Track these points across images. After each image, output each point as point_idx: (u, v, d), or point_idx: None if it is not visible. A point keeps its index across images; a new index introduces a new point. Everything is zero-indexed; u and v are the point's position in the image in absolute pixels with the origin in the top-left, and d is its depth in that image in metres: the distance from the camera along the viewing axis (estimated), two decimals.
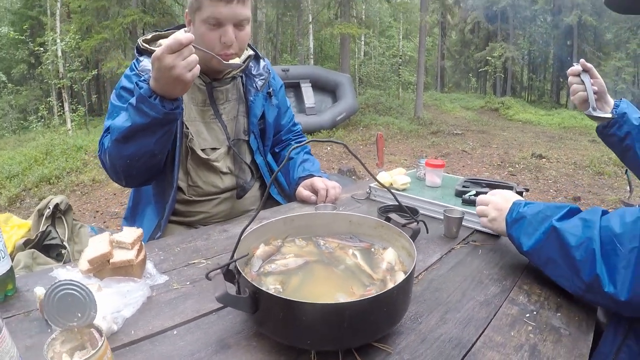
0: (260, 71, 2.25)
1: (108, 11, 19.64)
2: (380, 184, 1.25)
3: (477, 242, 1.73)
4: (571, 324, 1.21)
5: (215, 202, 2.14)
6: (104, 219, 6.94)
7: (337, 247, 1.30)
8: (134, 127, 1.64)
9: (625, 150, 1.92)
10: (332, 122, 14.65)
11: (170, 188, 1.99)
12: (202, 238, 1.72)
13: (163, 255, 1.53)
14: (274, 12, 25.99)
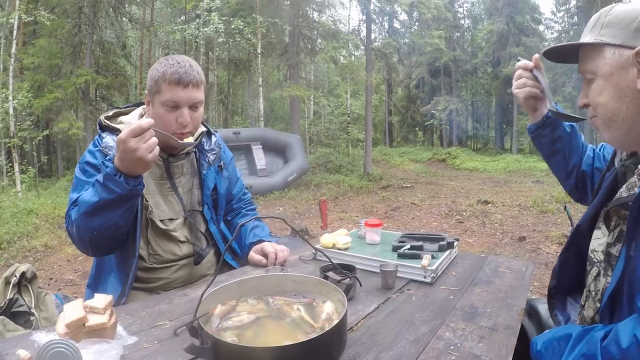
0: (212, 146, 2.46)
1: (61, 70, 19.57)
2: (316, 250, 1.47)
3: (412, 290, 1.94)
4: (492, 351, 1.39)
5: (174, 268, 2.29)
6: (59, 286, 6.83)
7: (284, 304, 1.49)
8: (100, 202, 1.82)
9: (554, 153, 2.01)
10: (284, 183, 14.87)
11: (133, 257, 2.13)
12: (165, 302, 1.85)
13: (130, 319, 1.65)
14: (225, 74, 26.24)
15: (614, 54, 1.36)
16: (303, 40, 20.58)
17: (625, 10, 1.38)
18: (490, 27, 34.55)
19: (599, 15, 1.43)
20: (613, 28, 1.37)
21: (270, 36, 19.86)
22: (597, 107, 1.43)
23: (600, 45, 1.38)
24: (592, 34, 1.42)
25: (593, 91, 1.43)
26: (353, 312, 1.68)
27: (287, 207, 12.52)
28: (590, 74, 1.43)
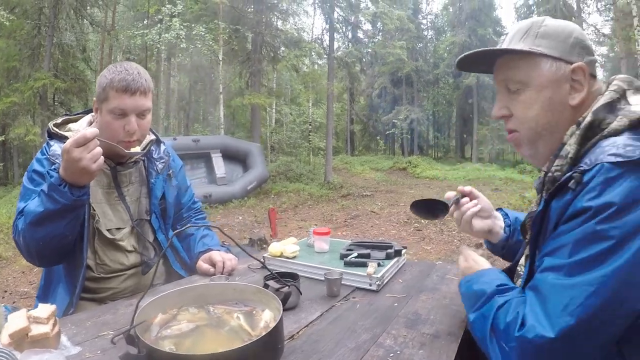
0: (160, 154, 2.44)
1: (19, 73, 19.09)
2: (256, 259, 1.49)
3: (357, 298, 1.96)
4: (432, 358, 1.41)
5: (122, 278, 2.27)
6: (13, 298, 6.70)
7: (224, 312, 1.49)
8: (45, 213, 1.82)
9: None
10: (243, 192, 14.82)
11: (80, 267, 2.11)
12: (111, 312, 1.84)
13: (75, 329, 1.64)
14: (187, 80, 26.05)
15: (552, 66, 1.35)
16: (266, 47, 20.55)
17: (559, 24, 1.40)
18: (453, 39, 35.15)
19: (531, 25, 1.42)
20: (551, 40, 1.37)
21: (232, 43, 19.78)
22: (525, 121, 1.42)
23: (536, 55, 1.36)
24: (524, 42, 1.40)
25: (521, 103, 1.41)
26: (296, 321, 1.69)
27: (247, 216, 12.48)
28: (517, 84, 1.41)
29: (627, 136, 1.19)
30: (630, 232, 1.04)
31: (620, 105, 1.29)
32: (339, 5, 22.35)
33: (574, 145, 1.28)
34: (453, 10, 38.31)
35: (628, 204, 1.05)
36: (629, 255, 1.03)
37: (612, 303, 1.04)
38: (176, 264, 2.53)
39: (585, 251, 1.08)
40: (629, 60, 22.89)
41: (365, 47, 25.57)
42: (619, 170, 1.09)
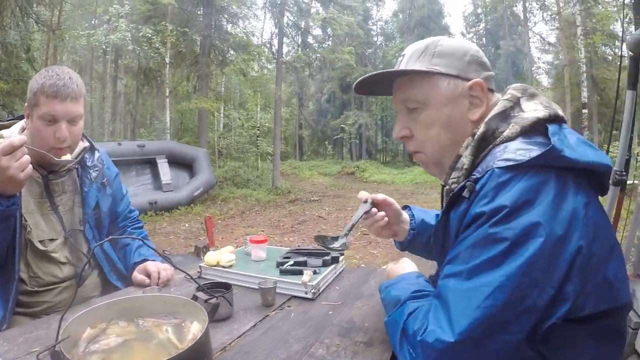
0: (94, 162, 2.39)
1: None
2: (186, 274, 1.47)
3: (292, 307, 1.96)
4: None
5: (56, 291, 2.21)
6: None
7: (153, 325, 1.47)
8: None
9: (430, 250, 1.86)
10: (190, 198, 14.59)
11: (13, 280, 2.04)
12: (43, 327, 1.78)
13: (7, 345, 1.59)
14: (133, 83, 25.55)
15: (450, 84, 1.38)
16: (214, 51, 20.37)
17: (455, 43, 1.44)
18: (402, 45, 35.45)
19: (427, 45, 1.44)
20: (447, 58, 1.40)
21: (179, 46, 19.54)
22: (427, 140, 1.44)
23: (433, 74, 1.39)
24: (421, 62, 1.42)
25: (421, 123, 1.43)
26: (229, 332, 1.68)
27: (193, 223, 12.30)
28: (417, 104, 1.43)
29: (519, 141, 1.24)
30: (524, 233, 1.07)
31: (514, 113, 1.34)
32: (289, 10, 22.37)
33: (469, 157, 1.32)
34: (403, 17, 38.82)
35: (519, 205, 1.08)
36: (526, 256, 1.06)
37: (510, 303, 1.06)
38: (112, 275, 2.47)
39: (482, 254, 1.11)
40: (572, 67, 23.61)
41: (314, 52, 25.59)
42: (510, 174, 1.13)
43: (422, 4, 35.13)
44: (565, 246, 1.08)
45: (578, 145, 1.20)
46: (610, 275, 1.14)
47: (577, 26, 20.64)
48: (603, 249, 1.14)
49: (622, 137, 3.26)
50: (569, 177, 1.15)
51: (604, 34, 23.12)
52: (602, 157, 1.20)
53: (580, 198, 1.13)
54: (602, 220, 1.18)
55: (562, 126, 1.29)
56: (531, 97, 1.38)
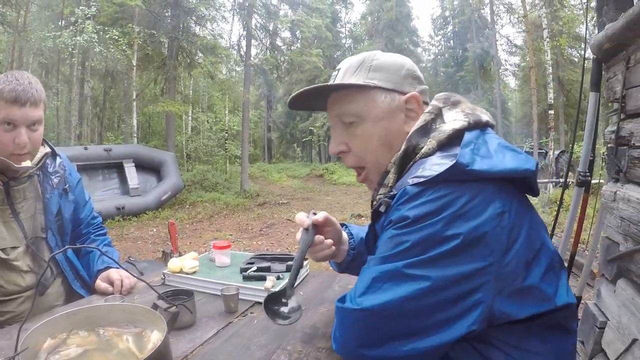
0: (56, 168, 2.37)
1: None
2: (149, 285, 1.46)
3: (255, 313, 1.96)
4: None
5: (19, 300, 2.18)
6: None
7: (114, 335, 1.46)
8: None
9: None
10: (158, 202, 14.45)
11: None
12: (5, 338, 1.76)
13: None
14: (101, 86, 25.17)
15: (386, 98, 1.41)
16: (182, 53, 20.22)
17: (391, 58, 1.46)
18: (370, 48, 35.62)
19: (363, 59, 1.45)
20: (383, 72, 1.42)
21: (147, 48, 19.35)
22: (365, 154, 1.46)
23: (370, 88, 1.40)
24: (357, 77, 1.43)
25: (358, 137, 1.44)
26: (191, 340, 1.67)
27: (161, 228, 12.16)
28: (353, 117, 1.43)
29: (437, 156, 1.26)
30: (422, 240, 1.11)
31: (435, 126, 1.36)
32: (257, 12, 22.31)
33: (393, 174, 1.36)
34: (371, 20, 38.99)
35: (421, 217, 1.12)
36: (415, 257, 1.11)
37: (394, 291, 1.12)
38: (76, 283, 2.43)
39: (387, 250, 1.17)
40: (539, 69, 23.98)
41: (282, 55, 25.56)
42: (419, 189, 1.16)
43: (390, 6, 35.33)
44: (465, 256, 1.11)
45: (497, 152, 1.23)
46: (534, 280, 1.17)
47: (543, 29, 21.04)
48: (522, 256, 1.16)
49: (585, 139, 3.28)
50: (489, 186, 1.17)
51: (569, 36, 23.63)
52: (521, 163, 1.22)
53: (494, 207, 1.15)
54: (524, 226, 1.20)
55: (484, 132, 1.32)
56: (454, 106, 1.42)
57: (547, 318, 1.19)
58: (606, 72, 2.74)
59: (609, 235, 2.53)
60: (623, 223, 2.29)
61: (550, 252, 1.24)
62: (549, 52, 21.71)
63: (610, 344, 2.47)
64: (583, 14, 21.20)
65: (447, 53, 42.41)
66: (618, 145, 2.44)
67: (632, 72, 2.28)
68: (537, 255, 1.20)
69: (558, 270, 1.26)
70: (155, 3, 19.06)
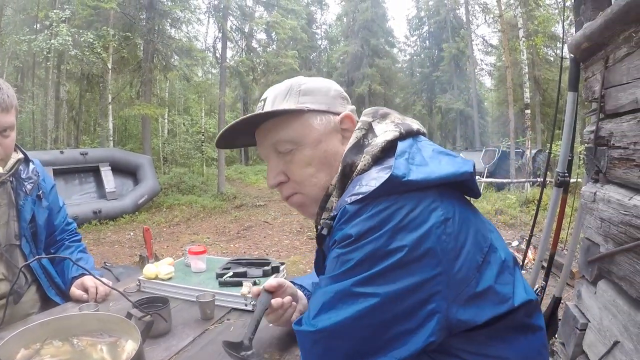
0: (29, 174, 2.34)
1: None
2: (121, 293, 1.45)
3: (232, 319, 1.96)
4: None
5: None
6: None
7: (88, 344, 1.45)
8: None
9: None
10: (135, 206, 14.34)
11: None
12: None
13: None
14: (76, 90, 24.85)
15: (322, 120, 1.38)
16: (157, 56, 20.07)
17: (317, 81, 1.45)
18: (346, 49, 35.83)
19: (290, 86, 1.42)
20: (314, 95, 1.40)
21: (122, 51, 19.17)
22: (304, 179, 1.40)
23: (304, 111, 1.37)
24: (288, 102, 1.39)
25: (296, 164, 1.39)
26: (167, 348, 1.67)
27: (138, 232, 12.05)
28: (289, 145, 1.38)
29: (374, 170, 1.23)
30: (366, 257, 1.09)
31: (368, 141, 1.34)
32: (233, 14, 22.22)
33: (335, 197, 1.32)
34: (347, 21, 39.06)
35: (363, 233, 1.10)
36: (361, 274, 1.08)
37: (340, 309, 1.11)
38: (51, 291, 2.41)
39: (334, 269, 1.15)
40: (514, 68, 24.19)
41: (258, 57, 25.47)
42: (357, 207, 1.13)
43: (366, 7, 35.41)
44: (412, 268, 1.09)
45: (432, 159, 1.23)
46: (488, 282, 1.15)
47: (519, 28, 21.16)
48: (472, 261, 1.14)
49: (564, 139, 3.29)
50: (429, 193, 1.15)
51: (545, 35, 23.88)
52: (458, 167, 1.21)
53: (437, 215, 1.13)
54: (470, 230, 1.18)
55: (417, 140, 1.31)
56: (383, 118, 1.40)
57: (508, 319, 1.16)
58: (584, 72, 2.73)
59: (589, 236, 2.54)
60: (603, 224, 2.29)
61: (500, 252, 1.23)
62: (525, 51, 21.84)
63: (592, 346, 2.48)
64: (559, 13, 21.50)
65: (423, 53, 42.71)
66: (597, 145, 2.43)
67: (611, 71, 2.28)
68: (487, 256, 1.18)
69: (512, 269, 1.24)
70: (130, 6, 18.90)
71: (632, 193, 2.06)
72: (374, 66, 34.17)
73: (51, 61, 19.39)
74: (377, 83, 33.49)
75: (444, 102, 36.13)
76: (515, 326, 1.19)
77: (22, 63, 21.83)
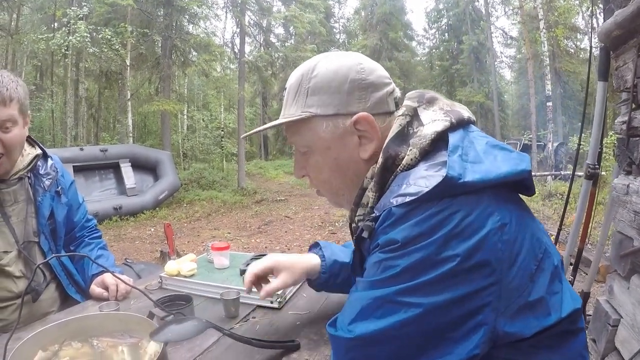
0: (47, 170, 2.29)
1: None
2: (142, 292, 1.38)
3: (257, 317, 1.88)
4: None
5: (12, 308, 2.11)
6: None
7: (108, 346, 1.39)
8: None
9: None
10: (155, 202, 14.38)
11: None
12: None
13: None
14: (95, 87, 25.05)
15: (328, 127, 1.24)
16: (176, 52, 20.13)
17: (331, 70, 1.25)
18: (364, 42, 35.65)
19: (300, 80, 1.28)
20: (322, 94, 1.24)
21: (140, 47, 19.25)
22: (319, 184, 1.36)
23: (310, 117, 1.25)
24: (296, 105, 1.28)
25: (312, 167, 1.33)
26: (190, 349, 1.59)
27: (159, 227, 12.03)
28: (303, 147, 1.32)
29: (422, 167, 1.11)
30: (412, 266, 0.98)
31: (414, 129, 1.21)
32: (250, 8, 22.21)
33: (373, 192, 1.20)
34: (365, 14, 38.90)
35: (410, 240, 0.98)
36: (406, 282, 0.98)
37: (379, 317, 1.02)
38: (71, 289, 2.36)
39: (375, 274, 1.04)
40: (535, 61, 24.05)
41: (277, 51, 25.47)
42: (406, 209, 1.02)
43: (384, 0, 35.24)
44: (463, 279, 0.98)
45: (487, 154, 1.10)
46: (540, 292, 1.05)
47: (539, 20, 21.00)
48: (527, 269, 1.04)
49: (594, 130, 3.19)
50: (484, 196, 1.03)
51: (566, 27, 23.60)
52: (515, 164, 1.09)
53: (494, 221, 1.01)
54: (526, 236, 1.07)
55: (468, 131, 1.19)
56: (429, 104, 1.25)
57: (554, 329, 1.07)
58: (615, 61, 2.64)
59: (621, 229, 2.46)
60: (637, 217, 2.22)
61: (553, 258, 1.12)
62: (546, 43, 21.67)
63: (625, 343, 2.41)
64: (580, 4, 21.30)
65: (442, 46, 42.36)
66: (630, 136, 2.35)
67: None
68: (541, 264, 1.08)
69: (561, 275, 1.14)
70: (148, 2, 18.98)
71: None
72: (393, 59, 34.03)
73: (69, 59, 19.49)
74: (396, 76, 33.30)
75: (464, 95, 35.82)
76: (561, 333, 1.10)
77: (41, 62, 22.06)
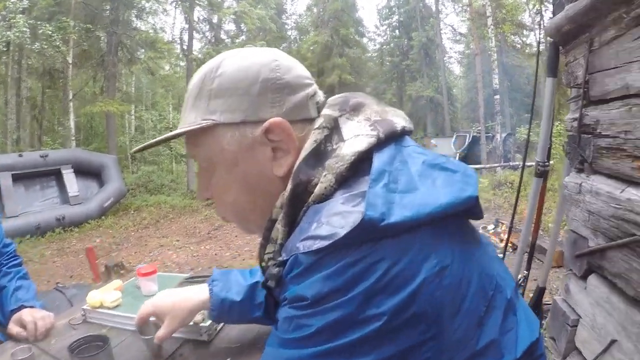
0: None
1: None
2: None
3: (185, 354, 1.69)
4: None
5: None
6: None
7: None
8: None
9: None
10: (100, 210, 13.69)
11: None
12: None
13: None
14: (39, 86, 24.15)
15: (234, 136, 1.01)
16: (122, 49, 19.59)
17: (239, 67, 1.03)
18: (316, 39, 35.69)
19: (203, 79, 1.04)
20: (227, 98, 1.01)
21: (83, 44, 18.59)
22: (223, 206, 1.11)
23: (211, 127, 1.02)
24: (196, 110, 1.04)
25: (215, 186, 1.09)
26: None
27: (105, 237, 11.67)
28: (205, 162, 1.09)
29: (339, 197, 0.89)
30: (329, 326, 0.78)
31: (332, 146, 0.98)
32: (200, 3, 21.79)
33: (282, 226, 0.98)
34: (317, 11, 38.91)
35: (323, 297, 0.79)
36: (322, 344, 0.79)
37: None
38: None
39: (287, 331, 0.84)
40: (483, 56, 24.79)
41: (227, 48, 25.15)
42: (314, 259, 0.81)
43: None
44: (392, 338, 0.79)
45: (423, 179, 0.90)
46: (491, 335, 0.87)
47: (487, 17, 21.61)
48: (474, 314, 0.86)
49: (543, 127, 3.17)
50: (418, 235, 0.82)
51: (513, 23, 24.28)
52: (459, 190, 0.90)
53: (430, 266, 0.81)
54: (473, 274, 0.88)
55: (401, 145, 0.98)
56: (354, 112, 1.03)
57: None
58: (565, 56, 2.62)
59: (575, 228, 2.44)
60: (592, 217, 2.20)
61: (506, 290, 0.94)
62: (494, 39, 22.30)
63: (586, 344, 2.37)
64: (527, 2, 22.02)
65: (393, 42, 42.74)
66: (581, 133, 2.33)
67: (596, 55, 2.16)
68: (492, 302, 0.90)
69: (515, 306, 0.96)
70: None
71: (623, 185, 1.95)
72: (344, 56, 34.17)
73: (10, 56, 18.72)
74: (347, 73, 33.53)
75: (414, 90, 36.37)
76: None
77: None
